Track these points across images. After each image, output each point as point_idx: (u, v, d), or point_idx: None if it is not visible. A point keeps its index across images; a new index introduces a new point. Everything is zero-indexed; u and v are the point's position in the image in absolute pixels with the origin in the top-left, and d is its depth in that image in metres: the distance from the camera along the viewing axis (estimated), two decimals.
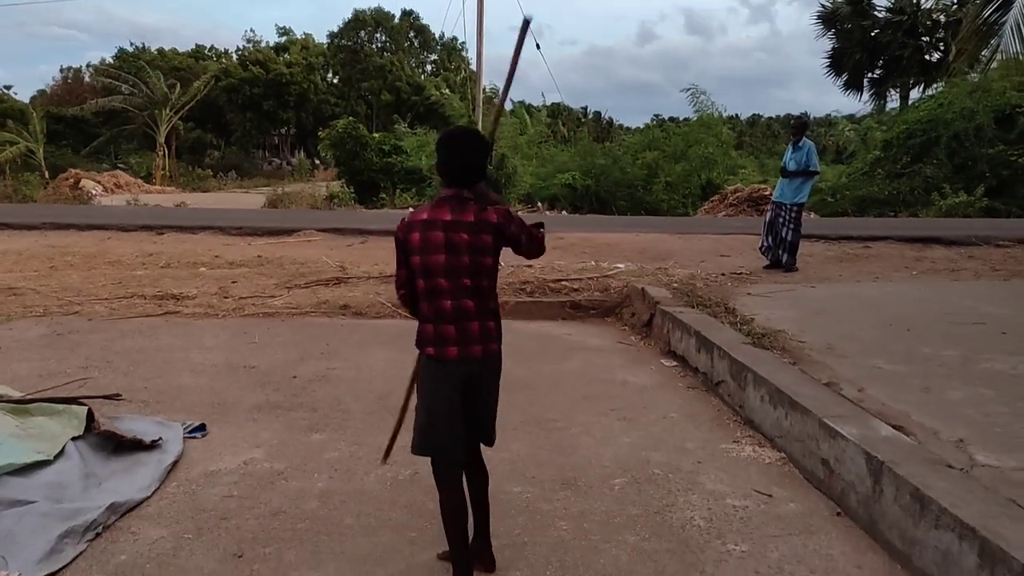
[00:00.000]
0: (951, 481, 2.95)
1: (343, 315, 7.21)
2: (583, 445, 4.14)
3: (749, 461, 3.99)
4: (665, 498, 3.51)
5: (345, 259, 9.84)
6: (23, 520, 2.97)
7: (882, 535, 3.07)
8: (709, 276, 8.34)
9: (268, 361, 5.61)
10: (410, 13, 57.72)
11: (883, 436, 3.43)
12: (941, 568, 2.69)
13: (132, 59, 49.06)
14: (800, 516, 3.37)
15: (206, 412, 4.46)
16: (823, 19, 23.94)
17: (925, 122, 18.25)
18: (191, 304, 7.46)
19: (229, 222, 12.97)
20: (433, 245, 2.53)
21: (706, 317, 6.08)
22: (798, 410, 3.90)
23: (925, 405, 4.01)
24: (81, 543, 2.94)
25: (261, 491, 3.48)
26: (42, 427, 3.82)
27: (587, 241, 11.28)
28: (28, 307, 7.24)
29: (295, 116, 51.85)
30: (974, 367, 4.76)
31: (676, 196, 21.09)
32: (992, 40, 9.59)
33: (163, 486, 3.51)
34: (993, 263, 9.47)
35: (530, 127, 28.36)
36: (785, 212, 8.91)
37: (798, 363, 4.82)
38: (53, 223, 12.67)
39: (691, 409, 4.83)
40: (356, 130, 22.27)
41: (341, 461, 3.83)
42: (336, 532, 3.12)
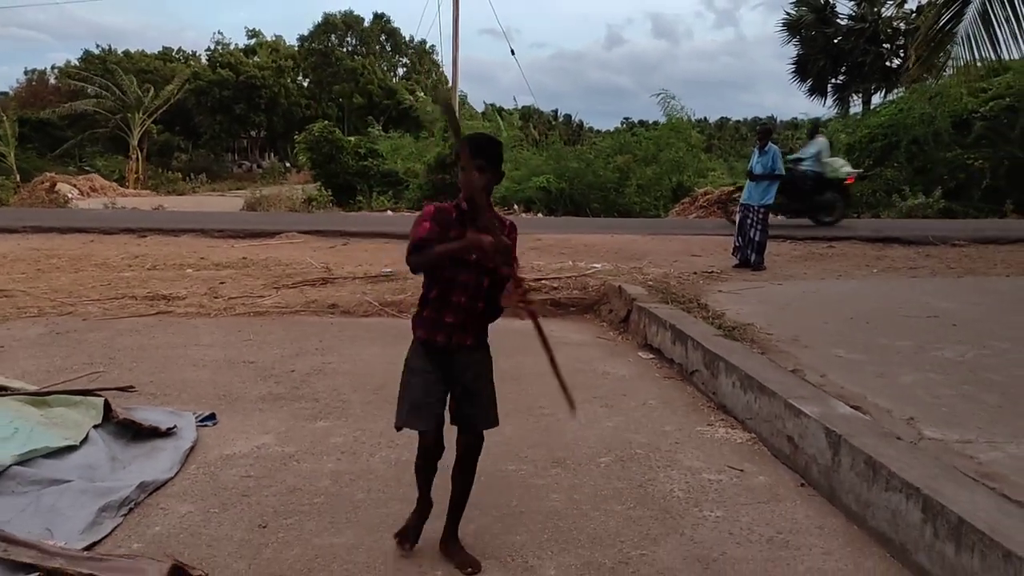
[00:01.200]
0: (899, 450, 3.33)
1: (332, 314, 7.47)
2: (569, 429, 4.47)
3: (722, 441, 4.36)
4: (647, 473, 3.86)
5: (329, 260, 10.09)
6: (63, 497, 3.23)
7: (840, 500, 3.45)
8: (682, 275, 8.74)
9: (266, 357, 5.87)
10: (381, 16, 57.86)
11: (841, 414, 3.81)
12: (891, 525, 3.07)
13: (99, 61, 48.60)
14: (768, 487, 3.73)
15: (213, 403, 4.71)
16: (787, 26, 24.70)
17: (886, 127, 18.97)
18: (182, 304, 7.67)
19: (211, 224, 13.12)
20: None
21: (680, 312, 6.46)
22: (766, 393, 4.28)
23: (880, 388, 4.41)
24: (117, 517, 3.20)
25: (276, 472, 3.76)
26: (64, 416, 4.06)
27: (564, 242, 11.65)
28: (22, 308, 7.40)
29: (266, 119, 51.70)
30: (926, 355, 5.18)
31: (648, 198, 21.57)
32: (946, 48, 10.10)
33: (184, 468, 3.77)
34: (948, 261, 10.01)
35: (504, 131, 28.70)
36: (752, 214, 9.35)
37: (766, 353, 5.21)
38: (34, 226, 12.72)
39: (668, 396, 5.20)
40: (332, 134, 22.46)
41: (347, 445, 4.12)
42: (349, 505, 3.42)
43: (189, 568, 2.78)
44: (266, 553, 2.98)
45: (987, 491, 2.93)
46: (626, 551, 3.07)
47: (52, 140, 42.03)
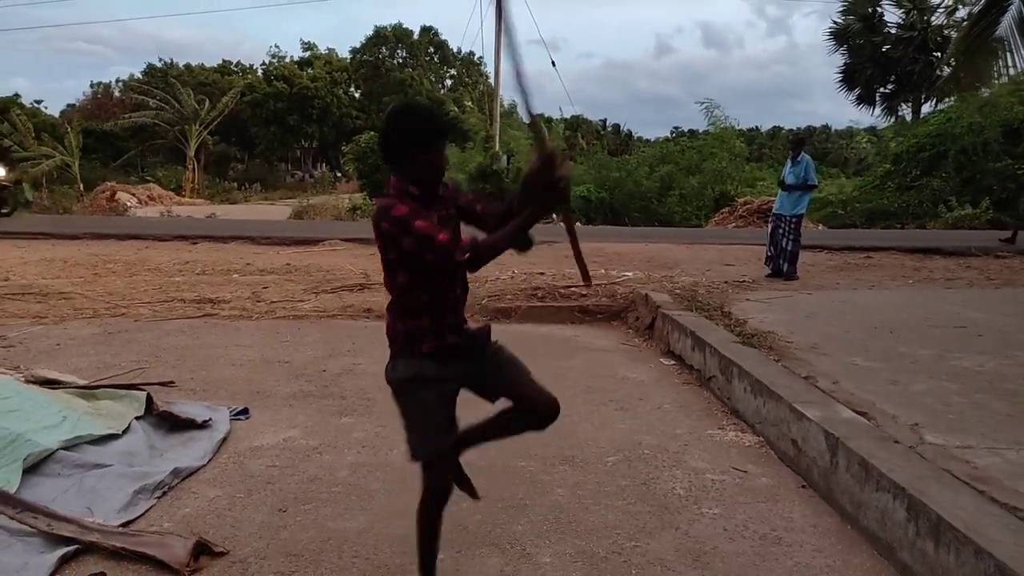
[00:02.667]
0: (893, 453, 3.42)
1: (367, 317, 7.75)
2: (582, 430, 4.64)
3: (731, 444, 4.47)
4: (652, 472, 3.99)
5: (368, 267, 10.41)
6: (103, 479, 3.52)
7: (837, 501, 3.54)
8: (712, 283, 8.81)
9: (300, 357, 6.16)
10: (430, 29, 58.73)
11: (843, 418, 3.90)
12: (879, 524, 3.16)
13: (161, 75, 50.53)
14: (769, 488, 3.84)
15: (247, 399, 5.00)
16: (835, 35, 24.41)
17: (934, 136, 18.66)
18: (227, 307, 8.05)
19: (258, 232, 13.64)
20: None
21: (702, 319, 6.55)
22: (773, 398, 4.37)
23: (890, 395, 4.46)
24: (151, 499, 3.47)
25: (299, 462, 4.01)
26: (109, 408, 4.38)
27: (598, 251, 11.79)
28: (78, 309, 7.86)
29: (318, 130, 53.01)
30: (943, 364, 5.19)
31: (689, 208, 21.57)
32: (984, 57, 9.99)
33: (215, 457, 4.05)
34: (989, 273, 9.86)
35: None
36: (785, 223, 9.37)
37: (782, 359, 5.29)
38: (93, 233, 13.40)
39: (683, 401, 5.31)
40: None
41: (367, 440, 4.36)
42: (364, 494, 3.64)
43: (212, 545, 3.04)
44: (283, 535, 3.22)
45: (972, 492, 3.01)
46: (620, 542, 3.22)
47: (115, 151, 43.90)
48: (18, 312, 7.71)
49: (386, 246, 2.38)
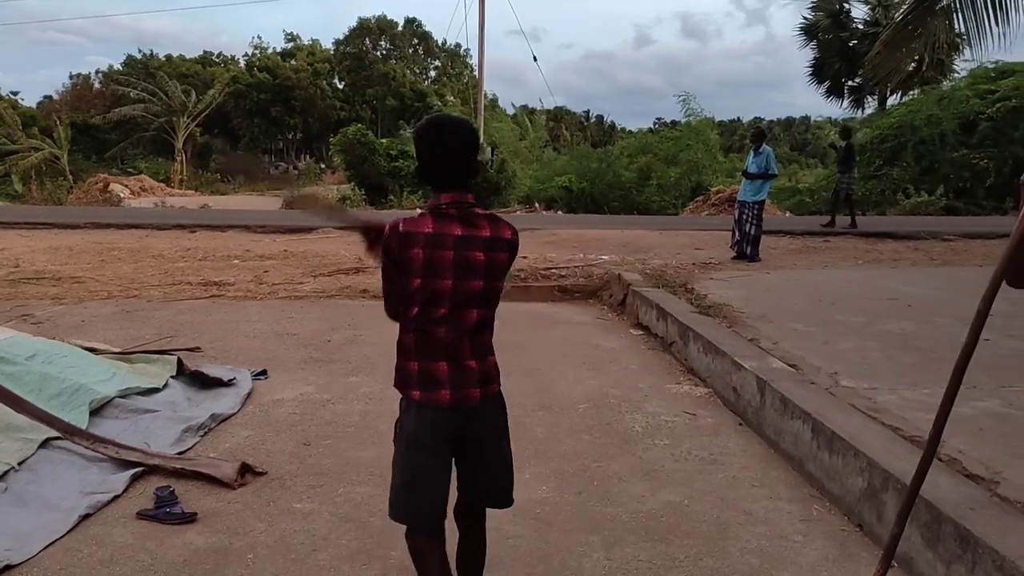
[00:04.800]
0: (808, 391, 4.18)
1: (363, 297, 8.43)
2: (558, 385, 5.37)
3: (684, 395, 5.22)
4: (616, 416, 4.73)
5: (361, 252, 11.08)
6: (155, 421, 4.21)
7: (764, 432, 4.30)
8: (680, 265, 9.57)
9: (306, 330, 6.84)
10: (413, 21, 59.09)
11: (773, 367, 4.66)
12: (794, 445, 3.92)
13: (141, 66, 50.53)
14: (712, 426, 4.59)
15: (264, 363, 5.67)
16: (805, 31, 25.33)
17: (895, 128, 19.58)
18: (232, 289, 8.69)
19: (254, 221, 14.25)
20: (456, 266, 2.12)
21: (667, 295, 7.31)
22: (720, 354, 5.13)
23: (820, 352, 5.23)
24: (196, 437, 4.16)
25: (316, 410, 4.72)
26: (145, 369, 5.06)
27: (577, 237, 12.53)
28: (93, 292, 8.47)
29: (301, 121, 53.26)
30: (871, 329, 5.98)
31: (667, 197, 22.34)
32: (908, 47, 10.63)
33: (243, 408, 4.73)
34: (933, 254, 10.71)
35: (531, 133, 29.64)
36: (748, 209, 10.13)
37: (733, 326, 6.05)
38: (93, 222, 13.94)
39: (647, 363, 6.07)
40: (365, 136, 23.59)
41: (373, 393, 5.06)
42: (374, 433, 4.35)
43: (254, 467, 3.75)
44: (310, 461, 3.93)
45: (863, 417, 3.77)
46: (586, 464, 3.96)
47: (96, 143, 43.97)
48: (37, 295, 8.31)
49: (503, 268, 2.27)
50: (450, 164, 2.15)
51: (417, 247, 2.08)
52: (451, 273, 2.12)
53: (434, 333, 2.18)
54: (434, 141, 2.17)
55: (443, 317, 2.16)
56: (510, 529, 3.22)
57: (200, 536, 3.10)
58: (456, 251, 2.11)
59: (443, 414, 2.21)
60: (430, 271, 2.10)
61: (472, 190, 2.23)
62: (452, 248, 2.11)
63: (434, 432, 2.24)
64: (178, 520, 3.17)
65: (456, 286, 2.13)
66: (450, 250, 2.11)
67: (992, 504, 2.84)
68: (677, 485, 3.71)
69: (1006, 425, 3.75)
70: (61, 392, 4.04)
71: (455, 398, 2.20)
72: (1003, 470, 3.15)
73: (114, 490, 3.41)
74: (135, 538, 3.07)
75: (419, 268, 2.09)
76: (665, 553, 3.06)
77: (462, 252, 2.12)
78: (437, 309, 2.15)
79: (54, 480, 3.44)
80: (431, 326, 2.17)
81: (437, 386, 2.20)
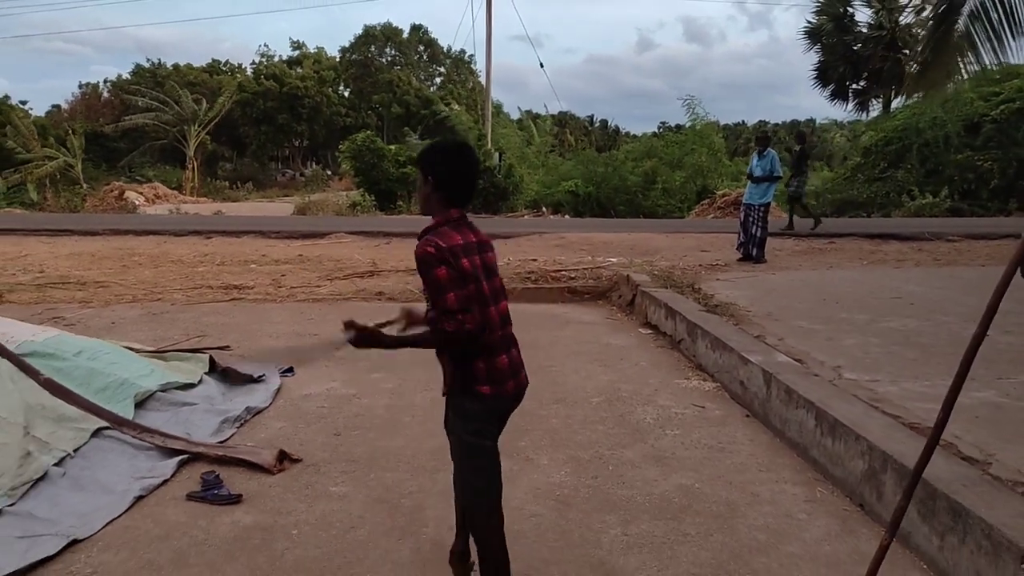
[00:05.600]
0: (812, 383, 4.41)
1: (379, 299, 8.68)
2: (571, 380, 5.60)
3: (693, 389, 5.45)
4: (628, 408, 4.96)
5: (374, 257, 11.34)
6: (194, 413, 4.46)
7: (770, 422, 4.53)
8: (687, 266, 9.79)
9: (326, 330, 7.07)
10: (419, 28, 59.51)
11: (779, 361, 4.89)
12: (798, 433, 4.14)
13: (149, 75, 51.08)
14: (721, 417, 4.82)
15: (289, 362, 5.93)
16: (808, 34, 25.58)
17: (900, 130, 19.79)
18: (251, 293, 8.95)
19: (268, 227, 14.55)
20: (484, 270, 2.40)
21: (675, 294, 7.53)
22: (727, 350, 5.36)
23: (824, 348, 5.44)
24: (233, 427, 4.41)
25: (343, 404, 4.96)
26: (180, 367, 5.30)
27: (585, 240, 12.76)
28: (118, 295, 8.74)
29: (308, 128, 53.71)
30: (874, 326, 6.19)
31: (673, 201, 22.55)
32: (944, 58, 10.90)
33: (274, 402, 4.98)
34: (937, 255, 10.90)
35: (536, 138, 29.91)
36: (754, 212, 10.35)
37: (739, 323, 6.27)
38: (112, 229, 14.26)
39: (657, 360, 6.29)
40: (374, 143, 23.90)
41: (396, 389, 5.30)
42: (399, 424, 4.59)
43: (291, 454, 4.00)
44: (341, 449, 4.18)
45: (865, 406, 3.99)
46: (601, 451, 4.19)
47: (106, 151, 44.45)
48: (64, 298, 8.59)
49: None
50: (466, 184, 2.47)
51: (463, 256, 2.34)
52: (483, 275, 2.40)
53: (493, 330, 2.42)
54: (456, 164, 2.44)
55: (492, 315, 2.42)
56: (532, 508, 3.46)
57: (247, 515, 3.34)
58: (480, 255, 2.42)
59: (507, 403, 2.51)
60: (475, 277, 2.36)
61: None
62: (477, 253, 2.41)
63: (500, 422, 2.57)
64: (225, 501, 3.41)
65: (489, 286, 2.42)
66: (477, 255, 2.40)
67: (983, 481, 3.06)
68: (688, 470, 3.94)
69: (1001, 414, 3.96)
70: (107, 386, 4.29)
71: (516, 386, 2.50)
72: (996, 452, 3.37)
73: (163, 475, 3.66)
74: (188, 516, 3.31)
75: (470, 273, 2.34)
76: (677, 530, 3.28)
77: (480, 256, 2.42)
78: (489, 307, 2.41)
79: (106, 466, 3.69)
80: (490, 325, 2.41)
81: (504, 378, 2.45)
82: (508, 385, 2.45)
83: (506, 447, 4.00)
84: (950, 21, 11.68)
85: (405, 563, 3.01)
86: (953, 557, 2.82)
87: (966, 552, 2.76)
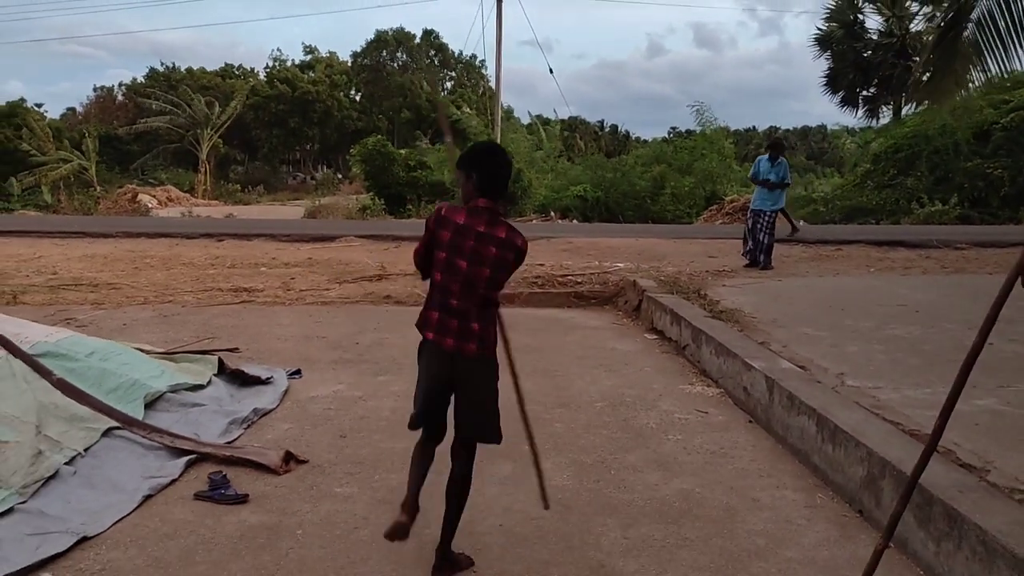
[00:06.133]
0: (814, 388, 4.44)
1: (387, 303, 8.75)
2: (576, 385, 5.64)
3: (697, 394, 5.48)
4: (631, 413, 5.00)
5: (383, 260, 11.42)
6: (202, 414, 4.53)
7: (772, 428, 4.56)
8: (694, 272, 9.81)
9: (335, 334, 7.16)
10: (431, 32, 59.72)
11: (782, 367, 4.92)
12: (800, 439, 4.17)
13: (163, 78, 51.53)
14: (723, 423, 4.85)
15: (297, 364, 5.98)
16: (819, 41, 25.56)
17: (910, 137, 19.77)
18: (261, 295, 9.03)
19: (278, 230, 14.66)
20: (461, 250, 2.76)
21: (681, 300, 7.56)
22: (731, 356, 5.39)
23: (828, 354, 5.47)
24: (241, 428, 4.48)
25: (349, 406, 5.02)
26: (189, 368, 5.37)
27: (593, 245, 12.81)
28: (130, 297, 8.84)
29: (319, 132, 54.01)
30: (878, 333, 6.21)
31: (682, 207, 22.57)
32: (952, 68, 10.90)
33: (282, 404, 5.04)
34: (945, 262, 10.88)
35: (546, 143, 29.99)
36: (764, 218, 10.35)
37: (744, 330, 6.30)
38: (124, 232, 14.40)
39: (662, 365, 6.33)
40: (384, 147, 24.06)
41: (401, 391, 5.33)
42: (404, 427, 4.58)
43: (297, 455, 4.06)
44: (347, 451, 4.23)
45: (866, 412, 4.02)
46: (603, 456, 4.24)
47: (119, 154, 44.86)
48: (77, 300, 8.69)
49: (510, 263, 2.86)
50: (491, 179, 2.85)
51: (447, 230, 2.79)
52: (467, 258, 2.77)
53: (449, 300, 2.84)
54: (485, 161, 2.89)
55: (455, 290, 2.81)
56: (533, 511, 3.50)
57: (253, 515, 3.40)
58: (476, 243, 2.77)
59: (440, 352, 2.99)
60: (452, 250, 2.78)
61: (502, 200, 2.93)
62: (473, 240, 2.77)
63: (434, 364, 3.10)
64: (232, 501, 3.47)
65: (471, 269, 2.78)
66: (471, 240, 2.77)
67: (979, 488, 3.08)
68: (689, 475, 3.97)
69: (1001, 421, 3.99)
70: (118, 387, 4.36)
71: (454, 344, 2.90)
72: (994, 460, 3.40)
73: (171, 474, 3.73)
74: (195, 515, 3.38)
75: (444, 245, 2.79)
76: (677, 533, 3.32)
77: (475, 242, 2.76)
78: (453, 280, 2.80)
79: (116, 465, 3.76)
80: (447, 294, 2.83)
81: (443, 333, 2.93)
82: (446, 341, 2.89)
83: (509, 450, 4.06)
84: (958, 28, 11.66)
85: (408, 564, 3.06)
86: (949, 563, 2.85)
87: (961, 558, 2.79)
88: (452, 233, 2.77)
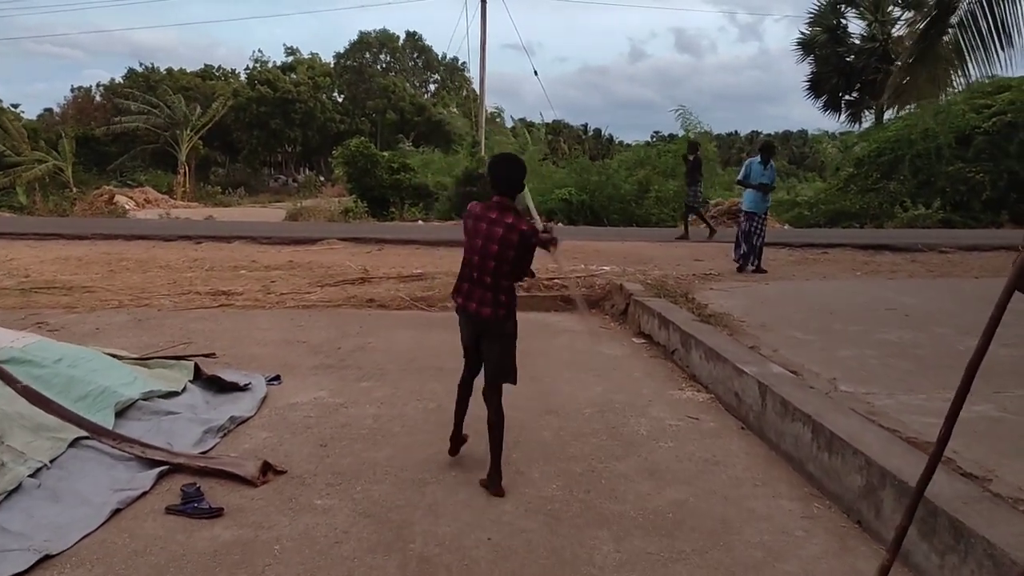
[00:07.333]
0: (808, 394, 4.33)
1: (369, 307, 8.57)
2: (564, 391, 5.51)
3: (687, 400, 5.37)
4: (621, 420, 4.87)
5: (366, 263, 11.23)
6: (176, 423, 4.35)
7: (765, 435, 4.45)
8: (680, 276, 9.71)
9: (316, 338, 6.98)
10: (414, 35, 59.50)
11: (774, 372, 4.81)
12: (794, 446, 4.07)
13: (142, 79, 50.81)
14: (715, 430, 4.74)
15: (277, 369, 5.80)
16: (802, 46, 25.68)
17: (893, 141, 19.86)
18: (240, 299, 8.82)
19: (258, 233, 14.41)
20: (478, 233, 3.66)
21: (669, 304, 7.46)
22: (722, 361, 5.28)
23: (818, 359, 5.38)
24: (216, 437, 4.30)
25: (330, 414, 4.85)
26: (164, 374, 5.19)
27: (578, 248, 12.67)
28: (104, 300, 8.60)
29: (301, 134, 53.49)
30: (868, 337, 6.13)
31: (666, 210, 22.49)
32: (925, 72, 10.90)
33: (259, 411, 4.87)
34: (930, 266, 10.88)
35: (530, 146, 29.86)
36: (759, 221, 10.24)
37: (734, 334, 6.20)
38: (101, 234, 14.10)
39: (650, 370, 6.21)
40: (367, 149, 23.80)
41: (385, 398, 5.20)
42: (388, 434, 4.49)
43: (275, 465, 3.89)
44: (327, 461, 4.07)
45: (861, 419, 3.92)
46: (593, 464, 4.11)
47: (97, 155, 44.07)
48: (49, 303, 8.45)
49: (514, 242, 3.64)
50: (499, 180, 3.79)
51: (469, 219, 3.76)
52: (482, 237, 3.66)
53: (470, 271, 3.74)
54: (493, 167, 3.90)
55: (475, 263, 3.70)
56: (522, 523, 3.37)
57: (227, 530, 3.23)
58: (488, 226, 3.65)
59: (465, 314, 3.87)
60: (470, 233, 3.73)
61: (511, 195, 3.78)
62: (486, 224, 3.66)
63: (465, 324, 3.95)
64: (206, 515, 3.31)
65: (483, 245, 3.66)
66: (483, 223, 3.67)
67: (984, 499, 2.99)
68: (682, 484, 3.86)
69: (1000, 428, 3.91)
70: (87, 394, 4.18)
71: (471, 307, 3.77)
72: (995, 468, 3.31)
73: (142, 487, 3.55)
74: (166, 531, 3.20)
75: (469, 231, 3.74)
76: (672, 547, 3.20)
77: (487, 225, 3.65)
78: (472, 255, 3.72)
79: (84, 477, 3.58)
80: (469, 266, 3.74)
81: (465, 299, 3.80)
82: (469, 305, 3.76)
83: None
84: (939, 29, 11.63)
85: None
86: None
87: (967, 572, 2.69)
88: (474, 221, 3.71)
